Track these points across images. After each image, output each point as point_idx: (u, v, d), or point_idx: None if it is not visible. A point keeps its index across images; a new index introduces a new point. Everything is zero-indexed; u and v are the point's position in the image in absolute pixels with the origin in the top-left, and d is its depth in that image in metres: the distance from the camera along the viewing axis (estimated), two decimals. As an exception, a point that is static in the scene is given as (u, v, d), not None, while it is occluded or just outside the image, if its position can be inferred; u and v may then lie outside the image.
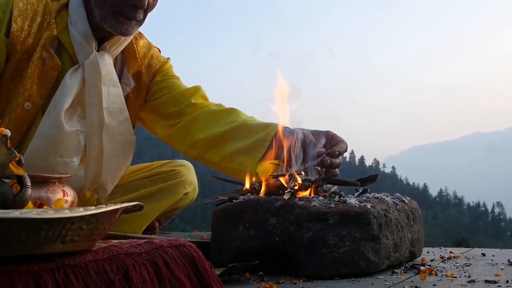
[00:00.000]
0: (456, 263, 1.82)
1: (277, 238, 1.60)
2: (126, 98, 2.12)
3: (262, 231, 1.63)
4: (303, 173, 1.84)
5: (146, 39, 2.21)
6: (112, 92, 1.99)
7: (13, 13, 1.85)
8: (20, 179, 1.17)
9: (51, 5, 1.93)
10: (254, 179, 1.88)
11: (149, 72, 2.19)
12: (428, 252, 2.15)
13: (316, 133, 1.94)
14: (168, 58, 2.31)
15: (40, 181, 1.47)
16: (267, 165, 1.94)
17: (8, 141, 1.14)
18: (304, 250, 1.57)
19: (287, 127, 2.00)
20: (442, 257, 1.95)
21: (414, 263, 1.78)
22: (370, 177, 1.87)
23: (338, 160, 1.85)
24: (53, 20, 1.92)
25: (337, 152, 1.84)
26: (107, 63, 1.98)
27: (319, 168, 1.80)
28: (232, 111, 2.19)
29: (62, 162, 1.92)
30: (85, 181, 2.05)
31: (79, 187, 2.03)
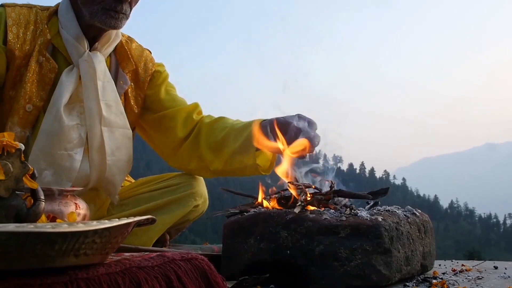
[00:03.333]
0: (468, 276, 1.82)
1: (288, 251, 1.61)
2: (125, 95, 2.22)
3: (273, 244, 1.63)
4: (313, 187, 1.85)
5: (136, 42, 2.32)
6: (107, 87, 2.08)
7: (8, 22, 1.98)
8: (33, 193, 1.19)
9: (41, 14, 2.06)
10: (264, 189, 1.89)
11: (146, 74, 2.29)
12: (439, 265, 2.14)
13: (289, 117, 2.07)
14: (162, 64, 2.39)
15: (52, 194, 1.48)
16: (265, 155, 2.13)
17: (22, 155, 1.16)
18: (315, 263, 1.57)
19: (265, 120, 2.14)
20: (454, 270, 1.94)
21: (426, 276, 1.77)
22: (381, 190, 1.87)
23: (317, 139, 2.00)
24: (45, 26, 2.04)
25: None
26: (100, 61, 2.08)
27: (331, 181, 1.81)
28: (220, 119, 2.32)
29: (67, 154, 2.00)
30: (91, 172, 2.08)
31: (85, 180, 2.07)
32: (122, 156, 2.15)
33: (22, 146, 1.16)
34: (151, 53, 2.37)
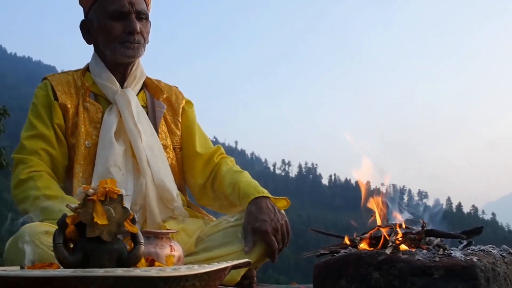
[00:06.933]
0: None
1: (380, 293, 1.58)
2: (165, 120, 2.54)
3: (365, 285, 1.61)
4: (403, 225, 1.82)
5: (163, 82, 2.65)
6: (140, 114, 2.41)
7: (53, 84, 2.37)
8: (133, 236, 1.24)
9: (75, 74, 2.46)
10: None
11: (178, 103, 2.61)
12: (540, 307, 2.05)
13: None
14: (191, 102, 2.69)
15: (149, 237, 1.53)
16: None
17: (123, 201, 1.21)
18: (409, 305, 1.54)
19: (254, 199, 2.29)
20: (556, 313, 1.85)
21: (525, 319, 1.70)
22: (475, 229, 1.82)
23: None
24: (82, 79, 2.43)
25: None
26: (132, 94, 2.42)
27: (421, 220, 1.79)
28: (230, 174, 2.49)
29: (122, 173, 2.27)
30: (146, 183, 2.31)
31: (143, 192, 2.30)
32: (164, 166, 2.40)
33: (123, 192, 1.21)
34: (178, 88, 2.69)
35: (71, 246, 1.23)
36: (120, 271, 0.90)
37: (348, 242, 1.87)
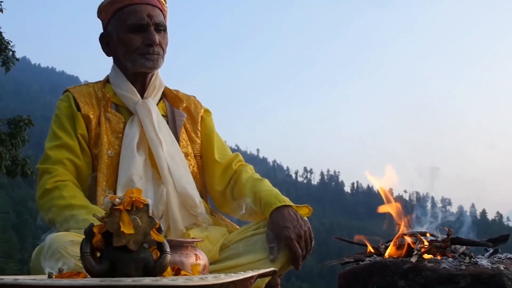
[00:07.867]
0: None
1: (406, 301, 1.57)
2: (185, 128, 2.58)
3: (391, 293, 1.60)
4: (428, 234, 1.81)
5: (181, 92, 2.70)
6: (161, 123, 2.46)
7: (75, 96, 2.43)
8: (160, 245, 1.25)
9: (96, 85, 2.52)
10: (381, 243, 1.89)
11: (196, 112, 2.65)
12: None
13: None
14: (209, 110, 2.73)
15: (174, 245, 1.54)
16: None
17: (150, 210, 1.22)
18: (435, 313, 1.53)
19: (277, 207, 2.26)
20: None
21: (554, 328, 1.68)
22: (501, 237, 1.80)
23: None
24: (103, 91, 2.48)
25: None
26: (152, 104, 2.48)
27: (447, 228, 1.77)
28: (250, 181, 2.48)
29: (142, 182, 2.31)
30: (167, 191, 2.34)
31: (165, 200, 2.34)
32: (187, 177, 2.42)
33: (150, 201, 1.22)
34: (195, 97, 2.73)
35: (98, 255, 1.25)
36: (148, 280, 0.91)
37: (372, 250, 1.86)
